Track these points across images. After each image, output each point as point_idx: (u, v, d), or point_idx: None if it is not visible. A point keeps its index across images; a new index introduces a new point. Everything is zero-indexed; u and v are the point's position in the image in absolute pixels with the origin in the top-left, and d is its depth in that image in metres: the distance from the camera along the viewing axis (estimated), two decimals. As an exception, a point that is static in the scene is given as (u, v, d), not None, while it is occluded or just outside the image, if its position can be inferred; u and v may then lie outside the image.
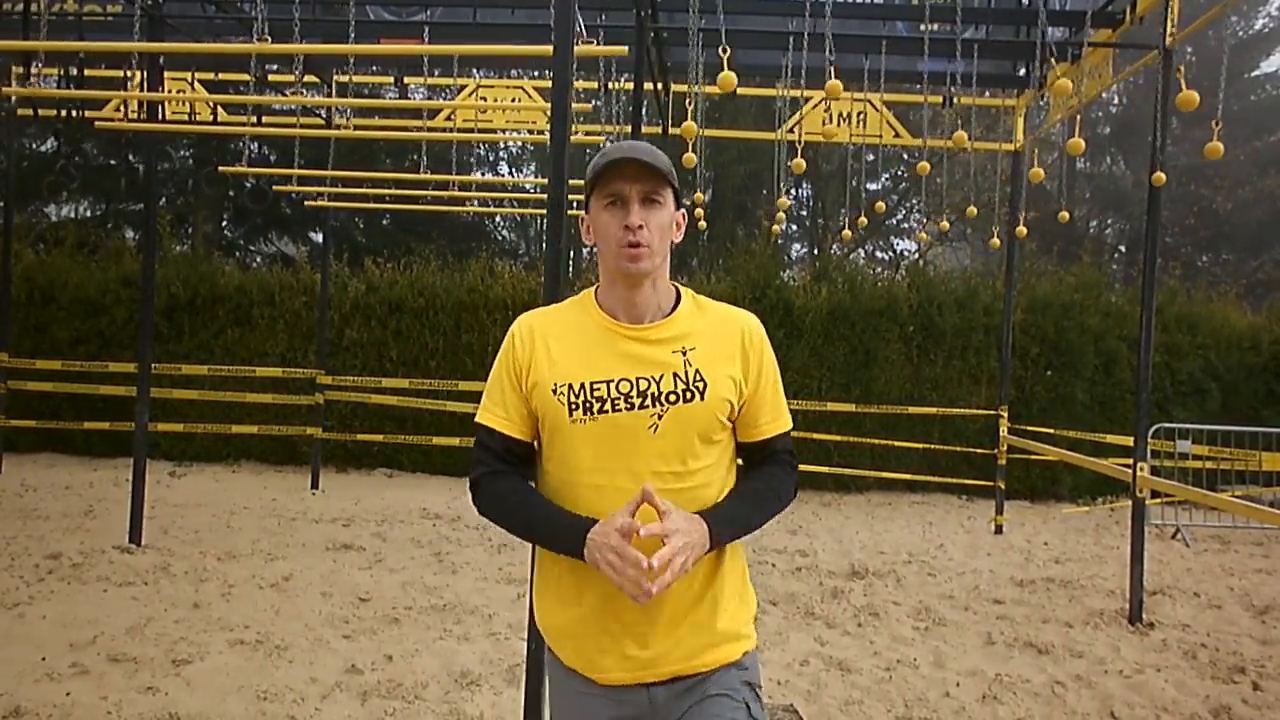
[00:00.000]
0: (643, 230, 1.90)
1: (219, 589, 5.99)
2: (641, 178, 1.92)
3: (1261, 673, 5.32)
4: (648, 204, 1.93)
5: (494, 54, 5.18)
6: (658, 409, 1.90)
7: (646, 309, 1.97)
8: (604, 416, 1.90)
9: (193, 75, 8.74)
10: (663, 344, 1.95)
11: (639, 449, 1.90)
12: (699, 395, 1.91)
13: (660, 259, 1.95)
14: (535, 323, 2.03)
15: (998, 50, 8.21)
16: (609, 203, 1.94)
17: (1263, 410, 12.34)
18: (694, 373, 1.92)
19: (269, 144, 16.99)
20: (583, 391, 1.91)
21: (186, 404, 10.99)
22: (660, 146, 8.70)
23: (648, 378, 1.91)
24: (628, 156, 1.90)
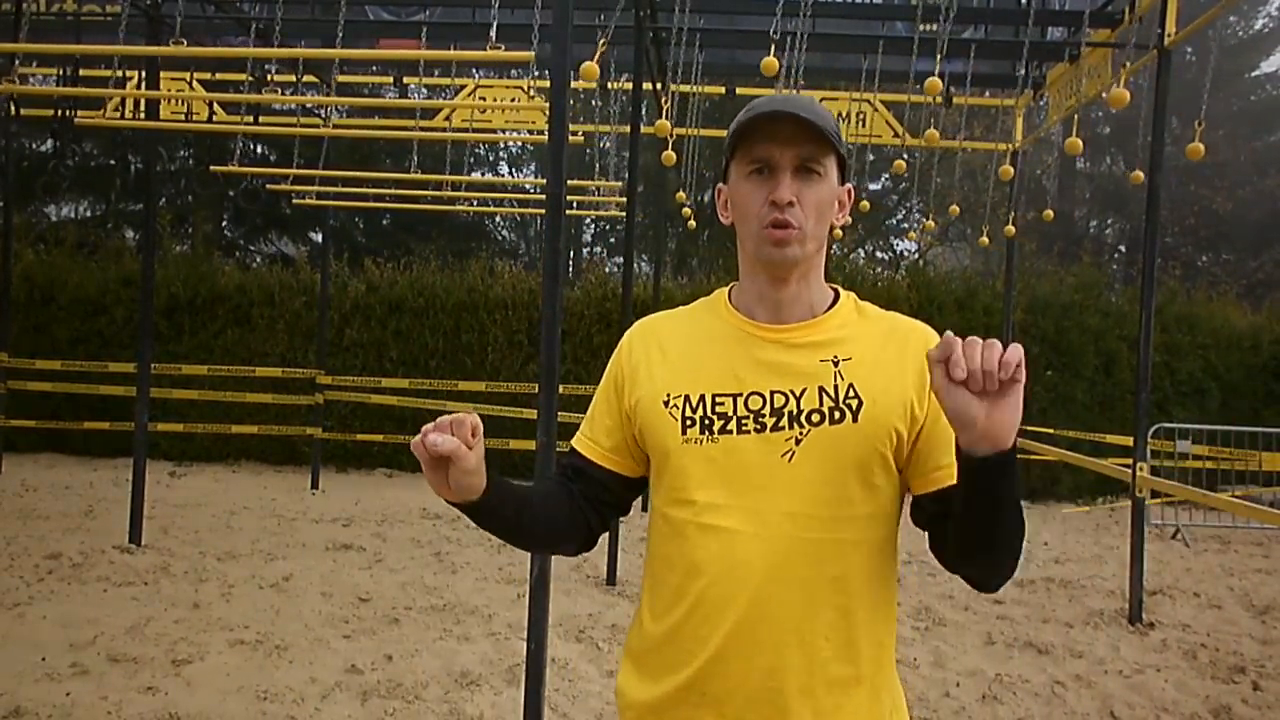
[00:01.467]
0: (793, 208, 1.45)
1: (219, 589, 5.99)
2: (798, 139, 1.45)
3: (1261, 673, 5.32)
4: (803, 174, 1.46)
5: (489, 59, 5.18)
6: (795, 431, 1.44)
7: (793, 308, 1.52)
8: (725, 438, 1.46)
9: (191, 75, 8.74)
10: (809, 349, 1.49)
11: (768, 483, 1.44)
12: (850, 415, 1.44)
13: (814, 246, 1.49)
14: (651, 326, 1.64)
15: (996, 50, 8.21)
16: (753, 170, 1.48)
17: (1263, 410, 12.34)
18: (846, 387, 1.45)
19: (268, 143, 17.00)
20: (701, 405, 1.48)
21: (186, 404, 11.00)
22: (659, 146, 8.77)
23: (785, 392, 1.46)
24: (781, 110, 1.43)
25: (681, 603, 1.48)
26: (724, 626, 1.43)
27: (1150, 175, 6.34)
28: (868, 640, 1.46)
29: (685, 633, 1.47)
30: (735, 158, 1.51)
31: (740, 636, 1.42)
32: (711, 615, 1.44)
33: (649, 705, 1.52)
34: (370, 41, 8.30)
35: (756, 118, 1.45)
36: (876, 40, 7.28)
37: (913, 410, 1.45)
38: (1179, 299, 13.06)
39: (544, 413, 3.52)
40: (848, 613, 1.44)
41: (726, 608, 1.43)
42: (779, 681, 1.42)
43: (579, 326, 11.49)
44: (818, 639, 1.42)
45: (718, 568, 1.44)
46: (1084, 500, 11.70)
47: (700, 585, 1.45)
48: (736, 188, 1.51)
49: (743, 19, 8.11)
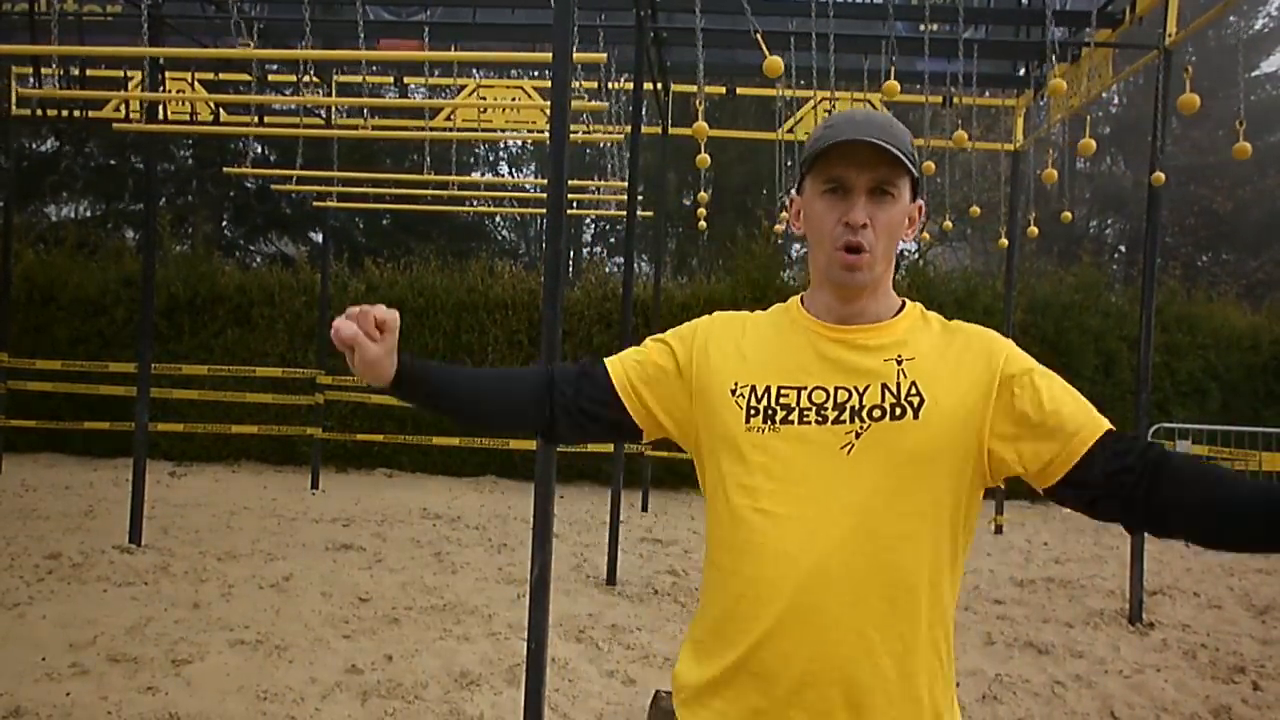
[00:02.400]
0: (866, 230, 1.49)
1: (219, 589, 5.99)
2: (874, 163, 1.48)
3: (1261, 673, 5.32)
4: (877, 196, 1.50)
5: (492, 60, 5.19)
6: (856, 425, 1.47)
7: (860, 317, 1.56)
8: (787, 428, 1.50)
9: (193, 75, 8.74)
10: (874, 350, 1.53)
11: (826, 474, 1.47)
12: (912, 412, 1.46)
13: (884, 266, 1.53)
14: (733, 317, 1.68)
15: (998, 50, 8.22)
16: (828, 189, 1.52)
17: (1262, 410, 12.34)
18: (909, 385, 1.48)
19: (269, 144, 17.01)
20: (766, 396, 1.52)
21: (186, 404, 11.00)
22: (659, 146, 8.82)
23: (849, 388, 1.50)
24: (860, 138, 1.46)
25: (736, 584, 1.51)
26: (775, 609, 1.46)
27: (1151, 175, 6.34)
28: (920, 638, 1.47)
29: (739, 612, 1.50)
30: (811, 173, 1.54)
31: (790, 620, 1.45)
32: (764, 595, 1.47)
33: (701, 686, 1.55)
34: (371, 42, 8.30)
35: (839, 142, 1.48)
36: (878, 40, 7.28)
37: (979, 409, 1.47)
38: (1179, 299, 13.05)
39: (544, 413, 3.52)
40: (898, 606, 1.45)
41: (778, 591, 1.46)
42: (824, 667, 1.44)
43: (579, 327, 11.49)
44: (867, 628, 1.45)
45: (772, 552, 1.47)
46: (1084, 500, 11.69)
47: (754, 568, 1.49)
48: (811, 204, 1.55)
49: (744, 19, 8.10)
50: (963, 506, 1.51)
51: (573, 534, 8.36)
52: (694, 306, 11.48)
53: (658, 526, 9.03)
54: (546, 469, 3.53)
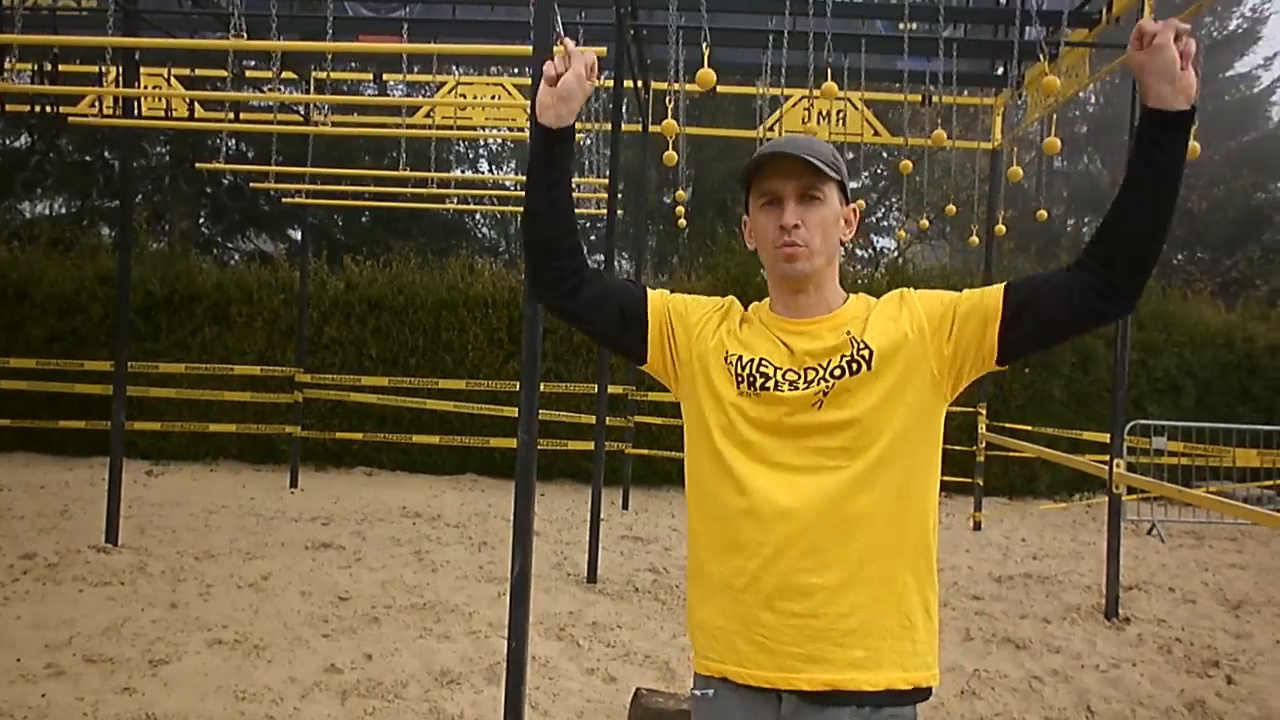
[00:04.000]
0: (799, 229, 1.77)
1: (197, 588, 5.95)
2: (798, 173, 1.78)
3: (1235, 666, 5.38)
4: (806, 201, 1.79)
5: (473, 53, 5.18)
6: (823, 386, 1.77)
7: (813, 309, 1.85)
8: (766, 393, 1.79)
9: (169, 71, 8.66)
10: (829, 333, 1.82)
11: (801, 426, 1.77)
12: (865, 364, 1.76)
13: (823, 260, 1.82)
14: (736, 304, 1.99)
15: (976, 49, 8.26)
16: (765, 202, 1.82)
17: (1236, 407, 12.47)
18: (860, 344, 1.78)
19: (247, 140, 16.89)
20: (750, 365, 1.82)
21: (163, 402, 10.91)
22: (640, 144, 8.83)
23: (816, 366, 1.79)
24: (780, 151, 1.77)
25: (735, 519, 1.79)
26: (773, 531, 1.75)
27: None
28: (898, 558, 1.77)
29: (742, 538, 1.78)
30: (750, 193, 1.85)
31: (784, 541, 1.74)
32: (763, 521, 1.76)
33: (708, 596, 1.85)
34: (351, 37, 8.26)
35: (762, 159, 1.79)
36: (858, 39, 7.31)
37: (915, 338, 1.77)
38: (1155, 297, 13.18)
39: (525, 411, 3.52)
40: (876, 532, 1.75)
41: (772, 519, 1.75)
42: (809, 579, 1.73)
43: (560, 324, 11.46)
44: (850, 552, 1.74)
45: (763, 490, 1.77)
46: (1061, 497, 11.79)
47: (751, 502, 1.78)
48: (754, 218, 1.86)
49: (724, 16, 8.12)
50: (928, 427, 1.81)
51: (553, 532, 8.36)
52: (674, 304, 11.48)
53: (638, 524, 9.03)
54: (527, 467, 3.53)
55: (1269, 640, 5.97)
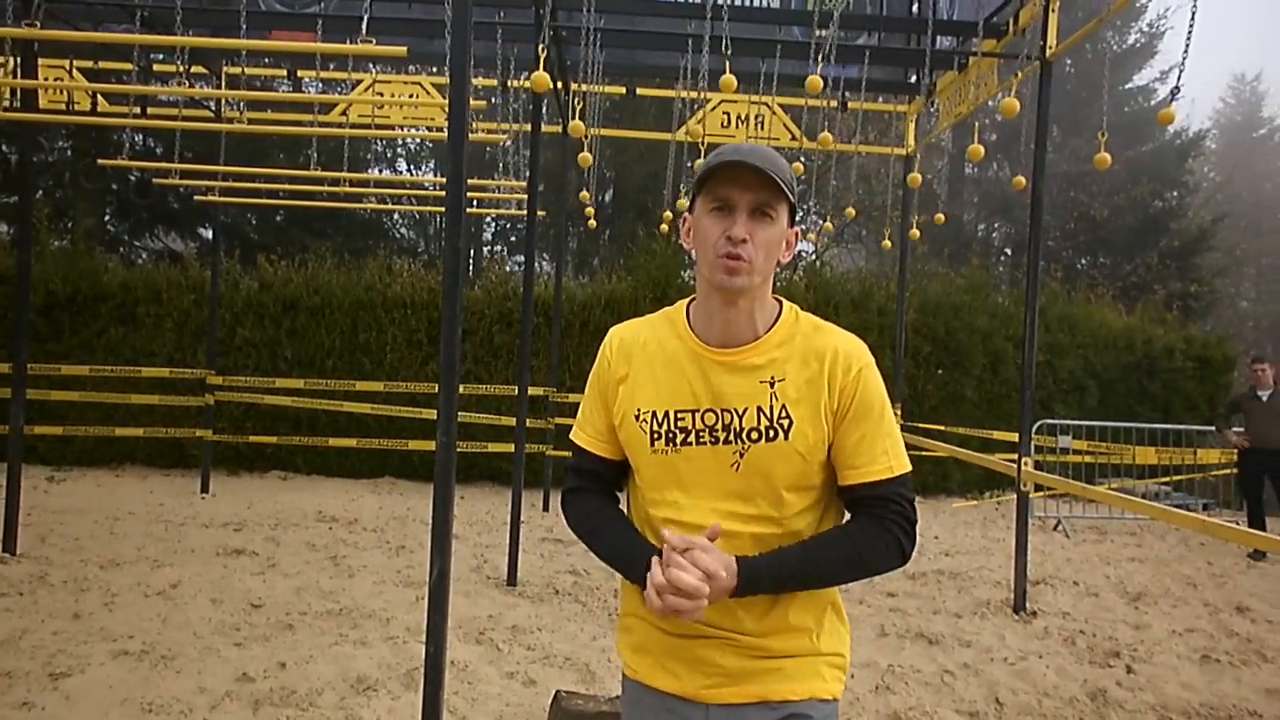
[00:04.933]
0: (746, 244, 1.70)
1: (101, 598, 5.75)
2: (755, 186, 1.70)
3: (1135, 656, 5.60)
4: (757, 216, 1.72)
5: (390, 55, 5.11)
6: (739, 446, 1.73)
7: (740, 331, 1.77)
8: (686, 449, 1.75)
9: (70, 63, 8.37)
10: (751, 372, 1.75)
11: (720, 486, 1.74)
12: (782, 434, 1.72)
13: (761, 279, 1.74)
14: (626, 339, 1.88)
15: (889, 57, 8.43)
16: (715, 207, 1.73)
17: (1136, 406, 12.98)
18: (780, 409, 1.73)
19: (154, 136, 16.39)
20: (666, 420, 1.77)
21: (66, 406, 10.52)
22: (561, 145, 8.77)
23: (732, 410, 1.74)
24: (743, 161, 1.69)
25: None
26: None
27: (1034, 182, 6.59)
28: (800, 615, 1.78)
29: None
30: (700, 194, 1.75)
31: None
32: None
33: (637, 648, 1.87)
34: (264, 33, 8.08)
35: (723, 164, 1.70)
36: (774, 45, 7.41)
37: (826, 421, 1.74)
38: (1060, 301, 13.64)
39: (444, 413, 3.49)
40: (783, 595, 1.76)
41: None
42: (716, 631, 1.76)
43: (479, 326, 11.39)
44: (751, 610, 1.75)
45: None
46: (973, 495, 12.12)
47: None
48: (699, 220, 1.76)
49: (644, 20, 8.16)
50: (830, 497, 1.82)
51: (473, 535, 8.29)
52: (595, 306, 11.50)
53: (559, 526, 9.01)
54: (446, 469, 3.50)
55: (1165, 630, 6.23)
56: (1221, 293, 25.70)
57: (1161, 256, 21.82)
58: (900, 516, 1.76)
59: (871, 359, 1.80)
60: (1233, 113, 45.41)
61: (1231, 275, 29.72)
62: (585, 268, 20.60)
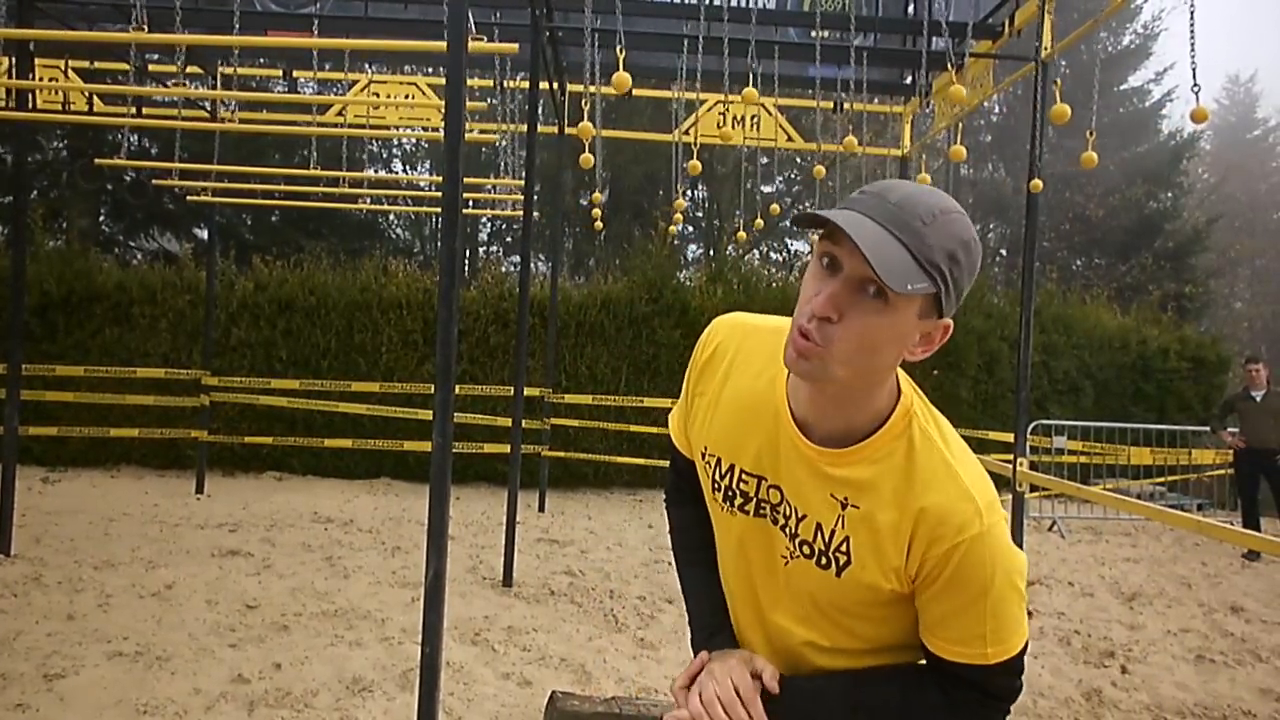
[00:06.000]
0: (829, 325, 1.23)
1: (96, 599, 5.74)
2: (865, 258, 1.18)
3: (1129, 656, 5.61)
4: (864, 292, 1.22)
5: (386, 49, 5.11)
6: (791, 546, 1.40)
7: (824, 421, 1.36)
8: (743, 516, 1.44)
9: (66, 63, 8.36)
10: (828, 482, 1.36)
11: (768, 580, 1.45)
12: (835, 569, 1.36)
13: (847, 372, 1.26)
14: (730, 340, 1.51)
15: (885, 58, 8.45)
16: (823, 257, 1.26)
17: (1131, 407, 13.01)
18: (841, 540, 1.35)
19: (150, 136, 16.37)
20: (730, 475, 1.45)
21: (60, 407, 10.50)
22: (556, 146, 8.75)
23: (792, 504, 1.39)
24: (858, 217, 1.21)
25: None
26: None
27: (1030, 182, 6.61)
28: None
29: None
30: (821, 235, 1.27)
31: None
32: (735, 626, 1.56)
33: None
34: (259, 32, 8.07)
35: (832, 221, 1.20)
36: (771, 46, 7.41)
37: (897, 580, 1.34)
38: (1056, 301, 13.67)
39: (439, 414, 3.49)
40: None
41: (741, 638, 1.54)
42: None
43: (475, 326, 11.39)
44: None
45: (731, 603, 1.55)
46: (968, 495, 12.11)
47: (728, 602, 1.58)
48: (809, 267, 1.30)
49: (640, 20, 8.16)
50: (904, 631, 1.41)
51: (468, 535, 8.29)
52: (590, 307, 11.50)
53: (554, 527, 9.01)
54: (441, 470, 3.49)
55: (1160, 630, 6.24)
56: (1216, 294, 25.77)
57: (1156, 257, 21.88)
58: (984, 704, 1.37)
59: (987, 527, 1.31)
60: (1227, 114, 45.53)
61: (1226, 276, 29.80)
62: (581, 268, 20.62)
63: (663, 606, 6.25)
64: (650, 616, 6.01)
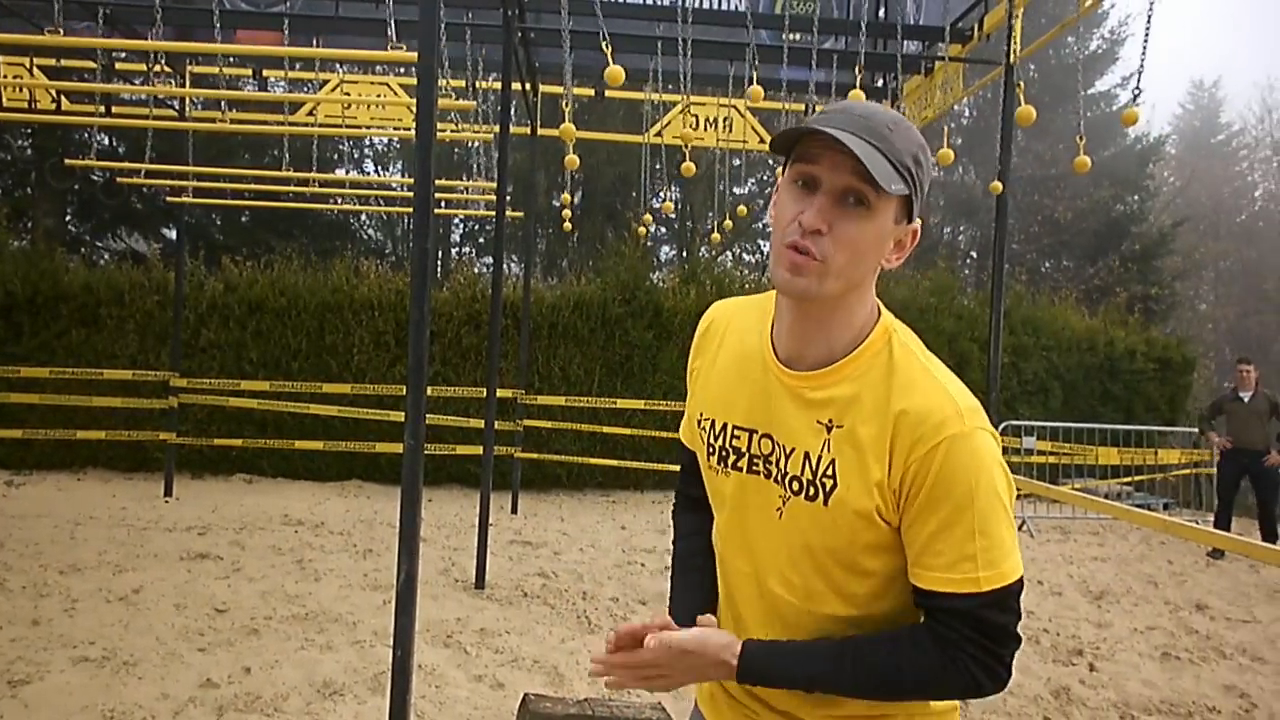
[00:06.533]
0: (821, 238, 1.29)
1: (61, 604, 5.66)
2: (848, 166, 1.27)
3: (1097, 654, 5.68)
4: (845, 203, 1.30)
5: (356, 58, 5.08)
6: (783, 491, 1.40)
7: (810, 347, 1.39)
8: (736, 474, 1.46)
9: (31, 61, 8.25)
10: (809, 407, 1.38)
11: (765, 533, 1.43)
12: (822, 496, 1.35)
13: (840, 285, 1.32)
14: (717, 322, 1.58)
15: (855, 61, 8.48)
16: (797, 180, 1.33)
17: (1099, 407, 13.16)
18: (827, 464, 1.35)
19: (118, 135, 16.18)
20: (723, 435, 1.48)
21: (26, 409, 10.36)
22: (529, 147, 8.72)
23: (781, 445, 1.40)
24: (836, 130, 1.26)
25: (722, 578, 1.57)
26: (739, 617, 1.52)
27: (991, 184, 6.68)
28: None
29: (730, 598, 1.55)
30: (790, 161, 1.35)
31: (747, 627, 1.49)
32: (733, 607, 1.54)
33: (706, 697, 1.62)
34: (228, 33, 8.00)
35: (812, 131, 1.29)
36: (743, 48, 7.44)
37: (881, 498, 1.32)
38: (1025, 303, 13.80)
39: (411, 415, 3.47)
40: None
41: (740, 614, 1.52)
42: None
43: (447, 328, 11.34)
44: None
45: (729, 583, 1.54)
46: (939, 495, 12.21)
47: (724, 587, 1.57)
48: (780, 193, 1.37)
49: (612, 22, 8.16)
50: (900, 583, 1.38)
51: (441, 538, 8.25)
52: (563, 308, 11.49)
53: (527, 529, 8.99)
54: (413, 472, 3.48)
55: (1127, 628, 6.32)
56: (1182, 295, 26.12)
57: (1123, 260, 22.15)
58: (981, 649, 1.30)
59: (970, 430, 1.32)
60: (1191, 118, 46.16)
61: (1191, 278, 30.19)
62: (554, 269, 20.58)
63: (635, 608, 6.25)
64: (623, 618, 6.01)
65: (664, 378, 11.39)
